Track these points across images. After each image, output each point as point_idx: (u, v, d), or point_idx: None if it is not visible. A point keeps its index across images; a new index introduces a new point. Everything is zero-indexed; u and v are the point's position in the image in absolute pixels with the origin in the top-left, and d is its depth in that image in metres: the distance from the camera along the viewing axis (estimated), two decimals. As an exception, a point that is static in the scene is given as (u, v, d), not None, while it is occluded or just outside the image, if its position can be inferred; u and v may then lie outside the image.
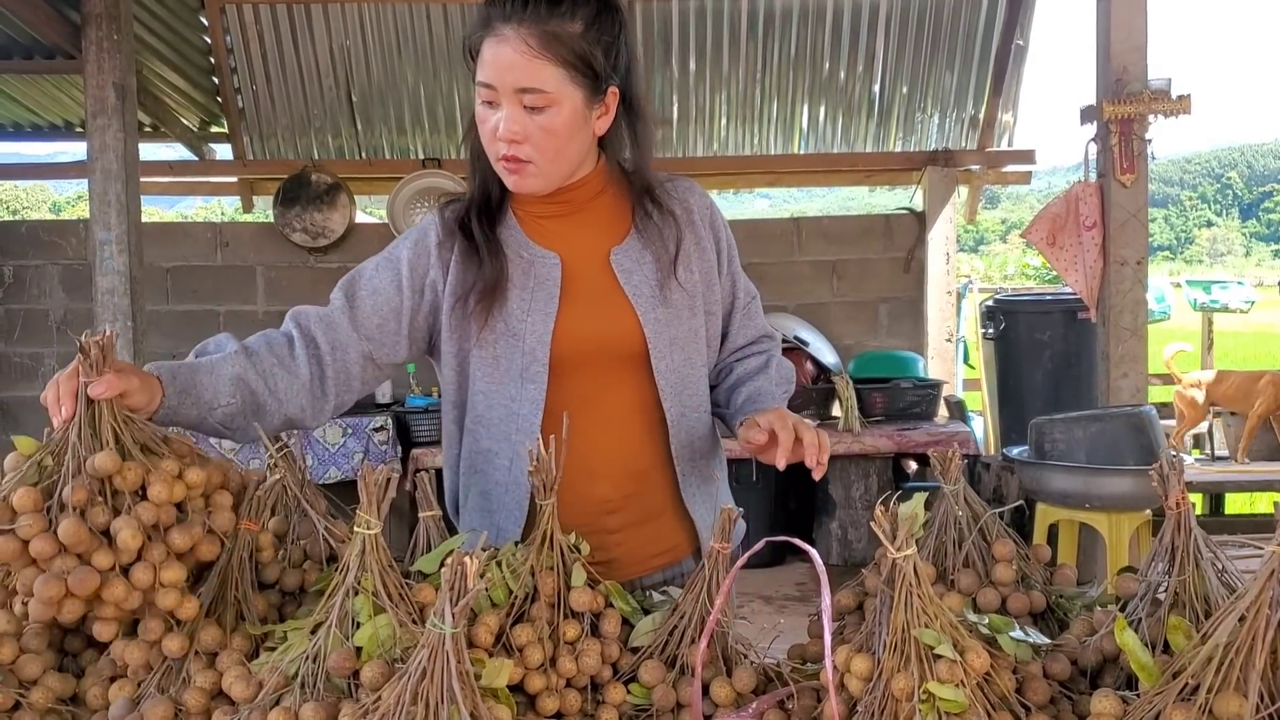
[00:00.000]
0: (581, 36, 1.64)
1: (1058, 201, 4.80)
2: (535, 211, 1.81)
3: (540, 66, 1.62)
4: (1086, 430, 4.20)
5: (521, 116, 1.64)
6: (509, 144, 1.66)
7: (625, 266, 1.78)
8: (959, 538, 1.49)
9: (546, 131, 1.65)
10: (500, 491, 1.81)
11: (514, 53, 1.61)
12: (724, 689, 1.35)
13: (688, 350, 1.82)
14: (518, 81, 1.62)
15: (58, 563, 1.24)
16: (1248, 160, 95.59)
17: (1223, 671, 1.06)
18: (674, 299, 1.79)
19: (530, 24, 1.61)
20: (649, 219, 1.80)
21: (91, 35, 4.50)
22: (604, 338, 1.77)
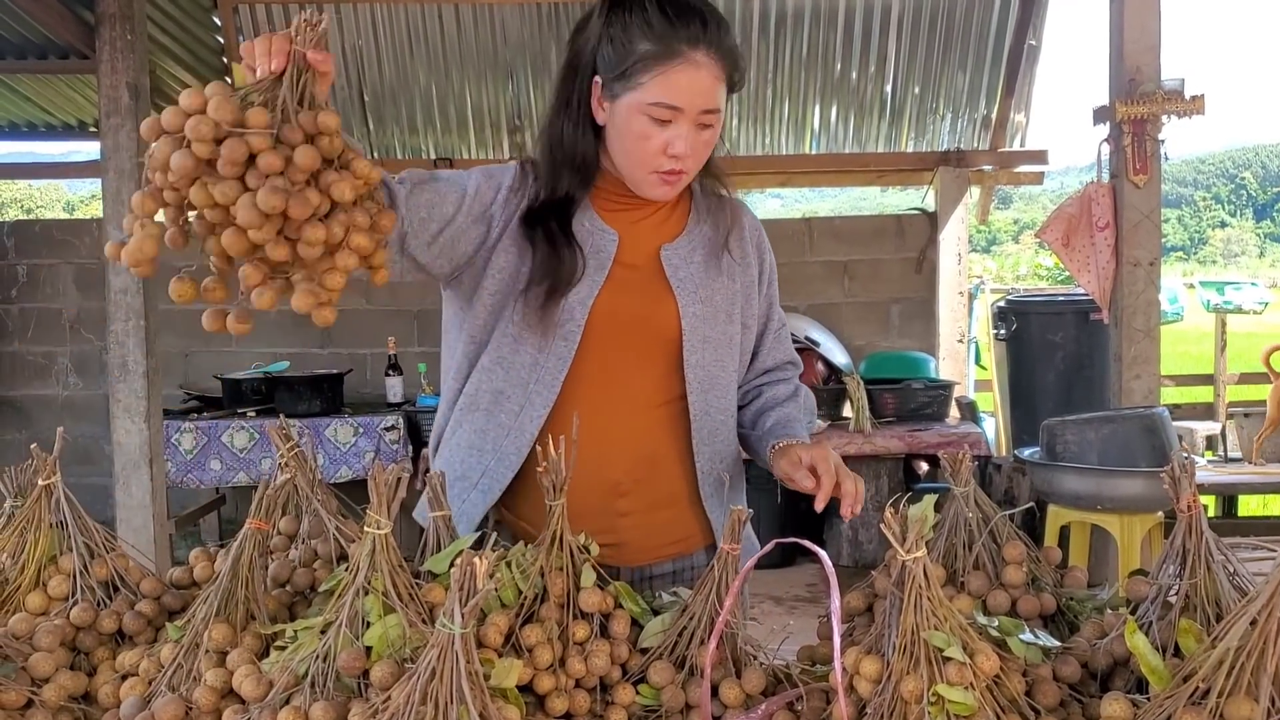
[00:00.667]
0: (740, 57, 1.73)
1: (1072, 202, 4.78)
2: (609, 192, 1.85)
3: (721, 89, 1.70)
4: (1098, 432, 4.19)
5: (693, 134, 1.70)
6: (679, 160, 1.71)
7: (674, 262, 1.84)
8: (969, 540, 1.49)
9: (707, 146, 1.75)
10: (500, 434, 1.82)
11: (709, 77, 1.67)
12: (733, 690, 1.35)
13: (719, 352, 1.87)
14: (706, 104, 1.68)
15: (280, 180, 1.23)
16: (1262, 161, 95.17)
17: (1234, 675, 1.05)
18: (715, 300, 1.85)
19: (717, 47, 1.67)
20: (705, 209, 1.89)
21: (105, 35, 4.51)
22: (642, 317, 1.82)
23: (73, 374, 6.78)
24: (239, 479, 5.43)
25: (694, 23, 1.66)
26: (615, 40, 1.70)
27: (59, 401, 6.75)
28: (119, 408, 4.61)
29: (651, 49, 1.66)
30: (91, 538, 1.50)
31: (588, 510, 1.71)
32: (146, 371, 4.60)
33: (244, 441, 5.43)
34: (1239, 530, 5.77)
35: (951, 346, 6.67)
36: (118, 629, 1.45)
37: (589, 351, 1.79)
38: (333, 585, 1.37)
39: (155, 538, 4.66)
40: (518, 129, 6.93)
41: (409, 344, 6.67)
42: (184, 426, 5.42)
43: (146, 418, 4.61)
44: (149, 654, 1.38)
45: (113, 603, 1.47)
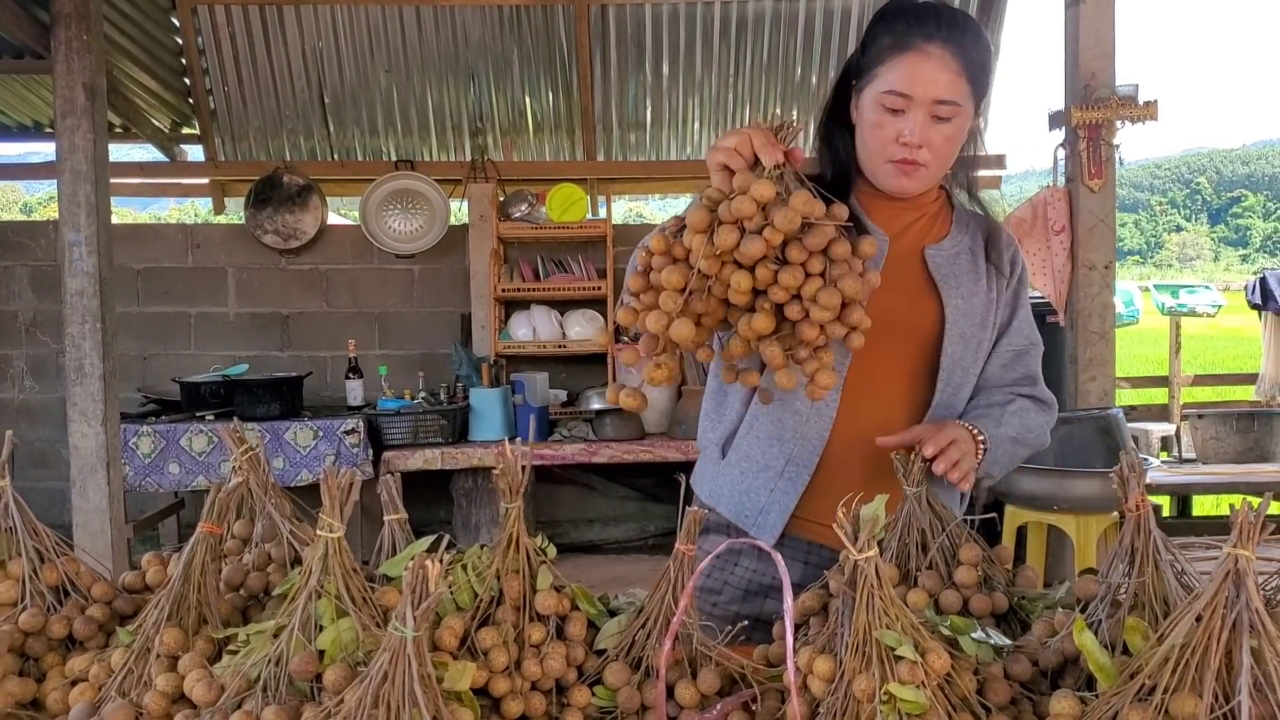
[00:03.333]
0: (985, 62, 1.82)
1: (1023, 207, 4.83)
2: (871, 206, 1.95)
3: (959, 83, 1.78)
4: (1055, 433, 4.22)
5: (928, 125, 1.80)
6: (911, 148, 1.81)
7: (938, 261, 1.92)
8: (922, 540, 1.50)
9: (948, 140, 1.83)
10: (799, 420, 1.91)
11: (939, 68, 1.77)
12: (689, 690, 1.36)
13: (971, 350, 1.94)
14: (939, 94, 1.78)
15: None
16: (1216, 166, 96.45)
17: (1179, 672, 1.07)
18: (975, 302, 1.93)
19: (953, 43, 1.77)
20: (966, 218, 1.98)
21: (61, 35, 4.46)
22: (908, 318, 1.90)
23: (29, 377, 6.69)
24: (198, 482, 5.38)
25: (929, 20, 1.79)
26: (866, 45, 1.86)
27: (14, 405, 6.66)
28: (75, 411, 4.56)
29: (890, 42, 1.81)
30: (42, 542, 1.48)
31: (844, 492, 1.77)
32: (104, 374, 4.55)
33: (203, 445, 5.38)
34: (1193, 530, 5.84)
35: (911, 349, 6.71)
36: (68, 634, 1.43)
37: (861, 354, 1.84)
38: (286, 589, 1.37)
39: (113, 542, 4.61)
40: (479, 131, 6.91)
41: (369, 347, 6.64)
42: (142, 430, 5.37)
43: (104, 421, 4.56)
44: (99, 659, 1.37)
45: (63, 608, 1.45)
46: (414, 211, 6.49)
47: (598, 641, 1.44)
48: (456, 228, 6.52)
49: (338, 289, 6.72)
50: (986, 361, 2.00)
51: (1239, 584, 1.08)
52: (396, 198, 6.48)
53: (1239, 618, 1.07)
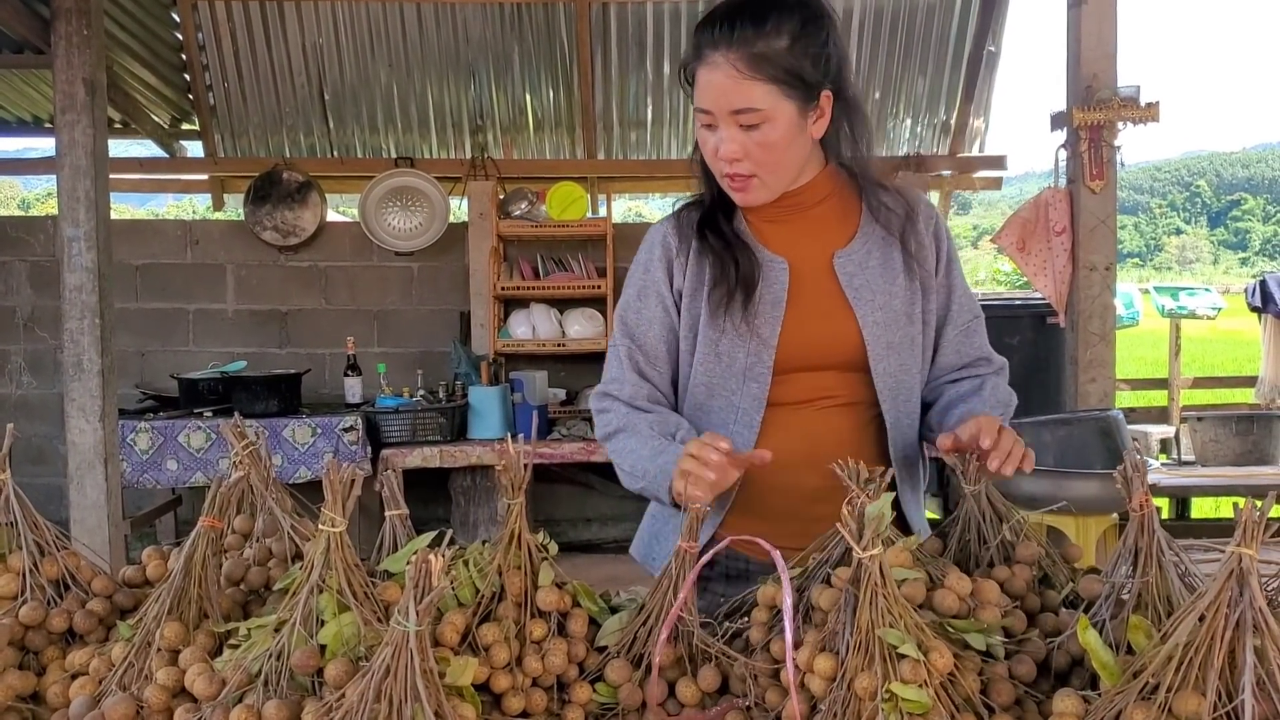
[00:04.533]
0: (789, 51, 1.68)
1: (1028, 207, 4.83)
2: (764, 216, 1.87)
3: (751, 87, 1.67)
4: (1054, 434, 4.23)
5: (739, 136, 1.71)
6: (730, 163, 1.73)
7: (848, 270, 1.83)
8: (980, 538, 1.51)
9: (764, 147, 1.71)
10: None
11: (725, 78, 1.67)
12: (689, 688, 1.35)
13: (904, 356, 1.86)
14: (732, 104, 1.68)
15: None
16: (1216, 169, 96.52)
17: (1182, 671, 1.07)
18: (895, 304, 1.84)
19: (738, 48, 1.67)
20: (879, 212, 1.86)
21: (61, 30, 4.45)
22: (826, 343, 1.83)
23: (26, 373, 6.68)
24: (196, 479, 5.38)
25: (714, 25, 1.69)
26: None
27: (12, 400, 6.65)
28: (73, 407, 4.55)
29: (690, 55, 1.74)
30: (42, 536, 1.48)
31: (787, 514, 1.82)
32: (102, 370, 4.54)
33: (201, 442, 5.38)
34: (1191, 532, 5.84)
35: (911, 349, 6.71)
36: (68, 628, 1.43)
37: (781, 384, 1.83)
38: (287, 583, 1.36)
39: (110, 538, 4.60)
40: (479, 129, 6.91)
41: (368, 344, 6.63)
42: (140, 426, 5.36)
43: (101, 417, 4.55)
44: (100, 653, 1.37)
45: (63, 601, 1.45)
46: (413, 209, 6.49)
47: (599, 638, 1.44)
48: (456, 225, 6.51)
49: (337, 286, 6.72)
50: (936, 351, 1.93)
51: (1242, 583, 1.08)
52: (396, 195, 6.47)
53: (1242, 617, 1.07)
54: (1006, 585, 1.44)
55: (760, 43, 1.67)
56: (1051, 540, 1.56)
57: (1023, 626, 1.38)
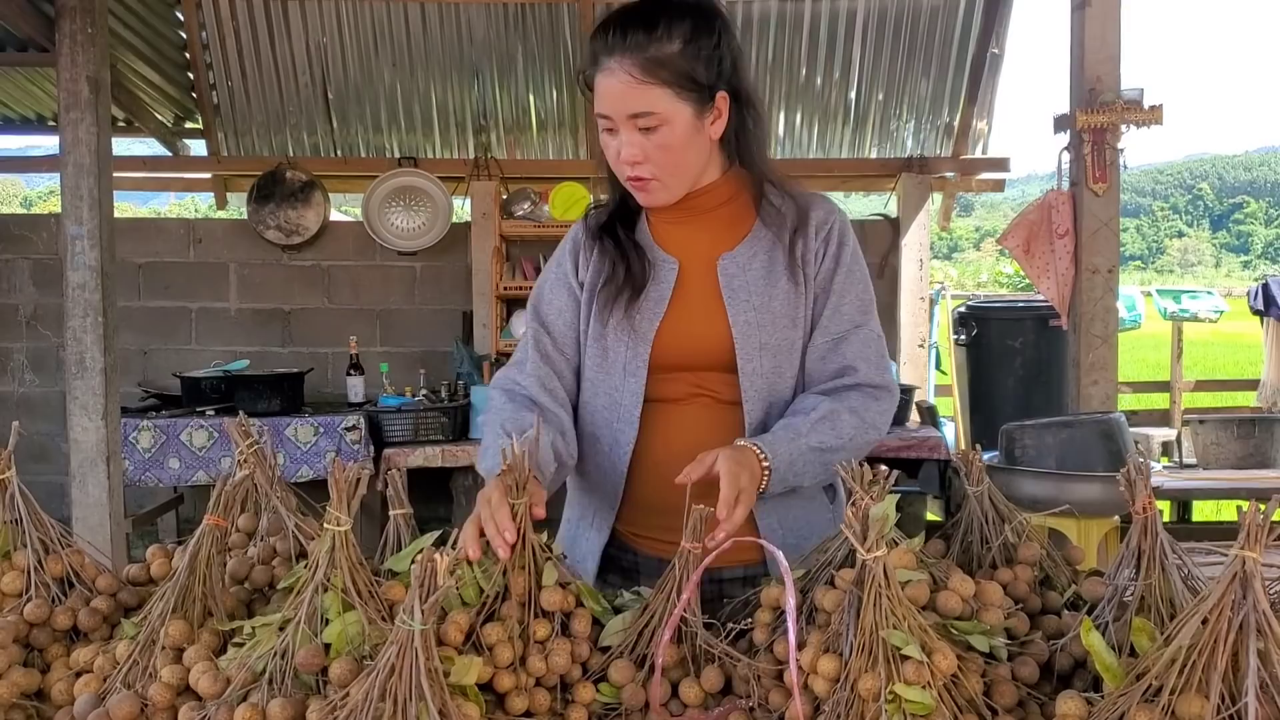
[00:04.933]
0: (681, 55, 1.72)
1: (1033, 209, 4.83)
2: (665, 217, 1.92)
3: (645, 91, 1.71)
4: (1056, 436, 4.22)
5: (638, 139, 1.74)
6: (630, 165, 1.77)
7: (730, 271, 1.86)
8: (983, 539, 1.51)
9: (663, 149, 1.75)
10: (599, 475, 1.92)
11: (621, 84, 1.71)
12: (692, 689, 1.36)
13: (779, 359, 1.86)
14: (628, 109, 1.72)
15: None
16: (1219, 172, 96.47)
17: (1185, 673, 1.07)
18: (774, 306, 1.84)
19: (632, 53, 1.70)
20: (770, 214, 1.88)
21: (65, 28, 4.46)
22: (698, 341, 1.85)
23: (29, 371, 6.69)
24: (198, 478, 5.38)
25: (608, 32, 1.73)
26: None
27: (14, 398, 6.66)
28: (76, 405, 4.56)
29: (585, 63, 1.78)
30: (46, 533, 1.48)
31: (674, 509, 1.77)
32: (104, 369, 4.55)
33: (203, 440, 5.38)
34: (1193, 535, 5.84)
35: (912, 351, 6.71)
36: (72, 626, 1.43)
37: (658, 381, 1.87)
38: (291, 582, 1.36)
39: (112, 536, 4.60)
40: (483, 129, 6.91)
41: (371, 344, 6.64)
42: (142, 425, 5.36)
43: (104, 415, 4.55)
44: (104, 651, 1.37)
45: (67, 599, 1.45)
46: (416, 209, 6.49)
47: (602, 638, 1.44)
48: (459, 225, 6.52)
49: (339, 285, 6.72)
50: (804, 356, 1.91)
51: (1246, 586, 1.08)
52: (399, 195, 6.47)
53: (1246, 619, 1.07)
54: (1009, 587, 1.45)
55: (653, 48, 1.70)
56: (1053, 543, 1.56)
57: (1025, 628, 1.39)
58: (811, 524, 1.91)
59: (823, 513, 1.95)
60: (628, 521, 1.94)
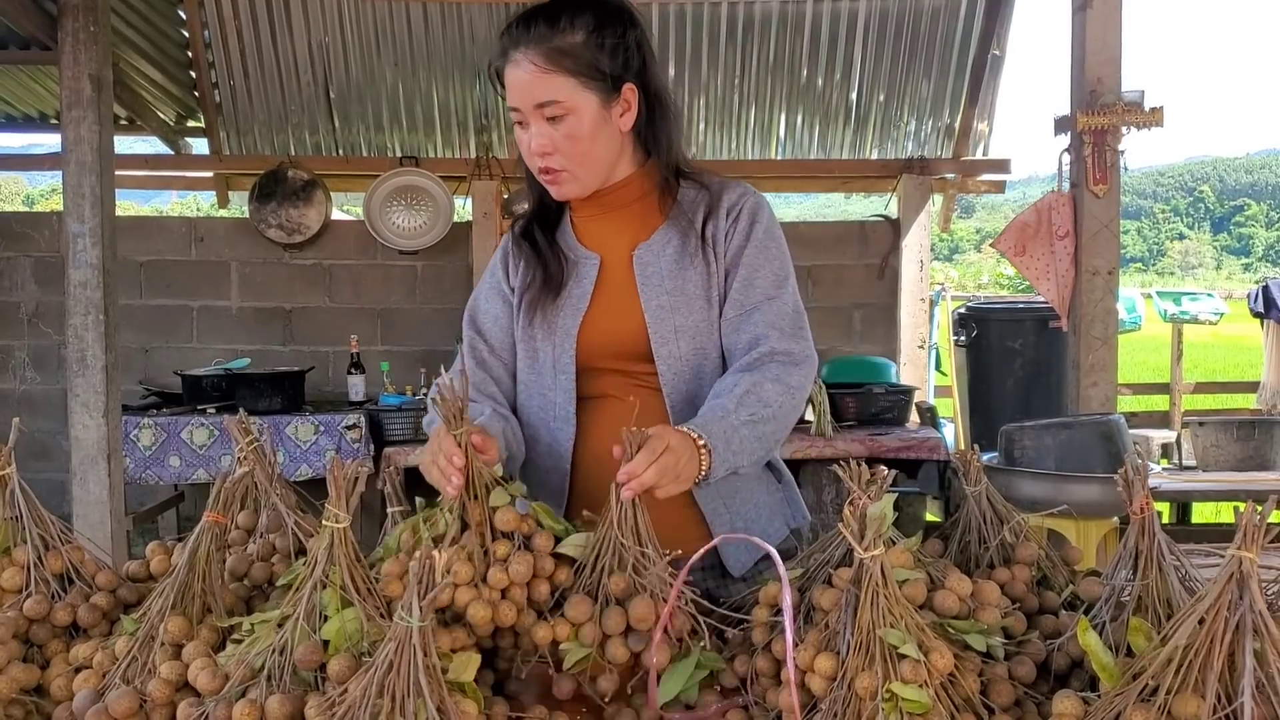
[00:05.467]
0: (584, 45, 1.77)
1: (1028, 211, 4.83)
2: (584, 214, 1.95)
3: (550, 80, 1.74)
4: (1056, 438, 4.23)
5: (547, 130, 1.78)
6: (541, 156, 1.80)
7: (644, 260, 1.88)
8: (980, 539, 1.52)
9: (570, 139, 1.78)
10: (541, 474, 1.94)
11: (526, 74, 1.75)
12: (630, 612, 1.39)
13: (698, 340, 1.88)
14: (534, 98, 1.76)
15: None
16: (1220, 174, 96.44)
17: (1182, 673, 1.07)
18: (687, 288, 1.86)
19: (536, 44, 1.75)
20: (683, 204, 1.90)
21: (68, 26, 4.46)
22: (618, 335, 1.87)
23: (30, 368, 6.69)
24: (198, 476, 5.38)
25: (515, 27, 1.78)
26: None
27: (16, 396, 6.66)
28: (77, 403, 4.56)
29: (494, 58, 1.82)
30: (46, 530, 1.48)
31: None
32: (106, 366, 4.55)
33: (204, 438, 5.38)
34: (1192, 537, 5.84)
35: (912, 352, 6.72)
36: (72, 622, 1.44)
37: (588, 376, 1.89)
38: (290, 579, 1.37)
39: (113, 534, 4.61)
40: (484, 128, 6.91)
41: (372, 343, 6.64)
42: (143, 422, 5.37)
43: (105, 413, 4.56)
44: (103, 647, 1.37)
45: (67, 595, 1.46)
46: (418, 208, 6.50)
47: (560, 547, 1.46)
48: (460, 225, 6.52)
49: (340, 284, 6.73)
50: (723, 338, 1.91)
51: (1243, 586, 1.08)
52: (400, 194, 6.48)
53: (1242, 620, 1.07)
54: (1006, 587, 1.45)
55: (556, 38, 1.75)
56: (1052, 543, 1.56)
57: (1022, 628, 1.39)
58: (759, 506, 1.93)
59: (771, 494, 1.97)
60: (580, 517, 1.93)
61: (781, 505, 1.96)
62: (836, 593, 1.30)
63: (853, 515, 1.22)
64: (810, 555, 1.48)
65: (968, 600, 1.34)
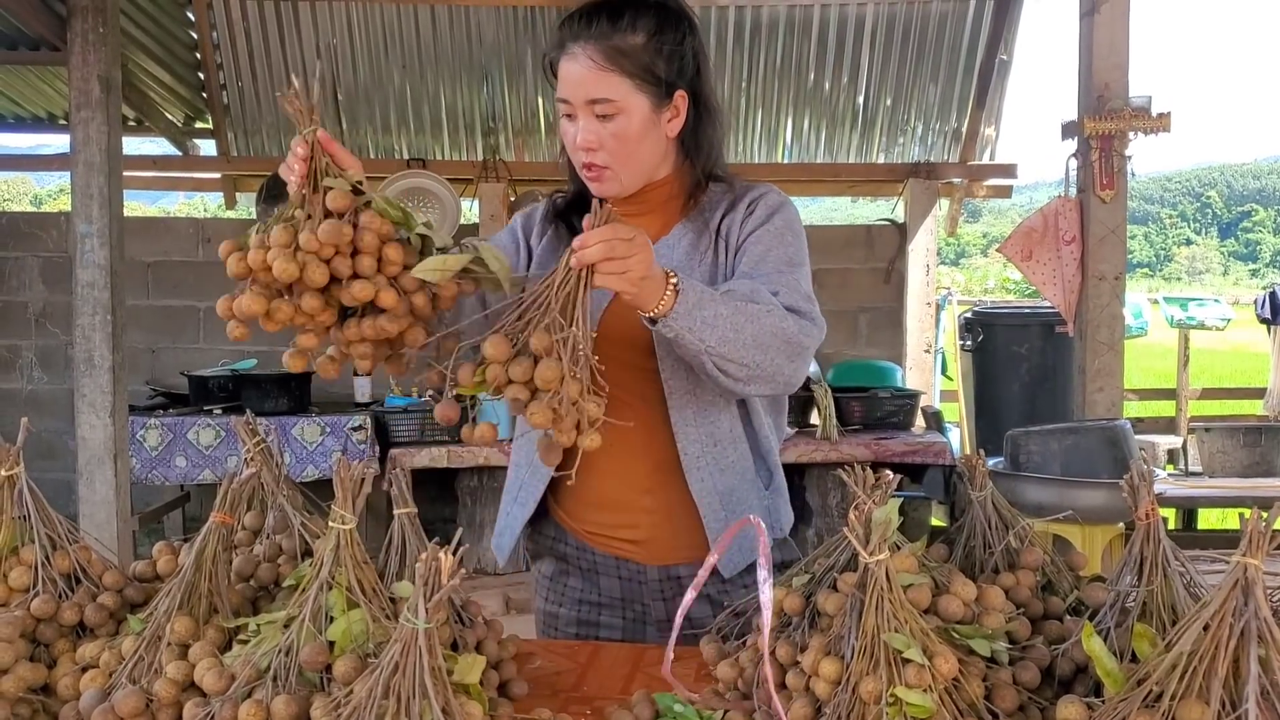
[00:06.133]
0: (644, 48, 1.77)
1: (1034, 217, 4.83)
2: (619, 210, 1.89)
3: (607, 78, 1.75)
4: (1061, 443, 4.23)
5: (595, 126, 1.77)
6: (586, 152, 1.79)
7: (659, 252, 1.84)
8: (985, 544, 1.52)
9: (618, 138, 1.78)
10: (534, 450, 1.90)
11: (583, 69, 1.75)
12: (539, 373, 1.41)
13: None
14: (588, 94, 1.75)
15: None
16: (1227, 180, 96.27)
17: (1186, 679, 1.07)
18: (696, 275, 1.85)
19: (596, 41, 1.75)
20: (705, 204, 1.91)
21: (77, 27, 4.48)
22: (624, 330, 1.85)
23: (37, 368, 6.71)
24: (204, 476, 5.40)
25: (576, 20, 1.78)
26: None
27: (22, 395, 6.68)
28: (84, 403, 4.58)
29: (551, 48, 1.82)
30: (54, 529, 1.49)
31: (616, 502, 1.89)
32: (112, 366, 4.57)
33: (210, 439, 5.39)
34: (1198, 543, 5.83)
35: (918, 356, 6.72)
36: (79, 621, 1.44)
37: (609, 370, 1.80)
38: (296, 580, 1.37)
39: (119, 534, 4.62)
40: (492, 131, 6.92)
41: (378, 344, 6.64)
42: (149, 423, 5.38)
43: (112, 413, 4.57)
44: (110, 646, 1.38)
45: (74, 595, 1.46)
46: (425, 210, 6.50)
47: (416, 271, 1.51)
48: (467, 227, 6.53)
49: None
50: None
51: (1248, 593, 1.08)
52: (408, 196, 6.48)
53: (1247, 626, 1.07)
54: (1011, 592, 1.45)
55: (616, 37, 1.75)
56: (1057, 549, 1.56)
57: (1027, 633, 1.39)
58: (745, 501, 1.90)
59: (761, 499, 1.93)
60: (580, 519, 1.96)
61: (767, 513, 1.93)
62: (841, 597, 1.30)
63: (858, 519, 1.22)
64: (815, 560, 1.48)
65: (972, 605, 1.33)
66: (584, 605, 2.02)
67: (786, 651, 1.33)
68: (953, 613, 1.30)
